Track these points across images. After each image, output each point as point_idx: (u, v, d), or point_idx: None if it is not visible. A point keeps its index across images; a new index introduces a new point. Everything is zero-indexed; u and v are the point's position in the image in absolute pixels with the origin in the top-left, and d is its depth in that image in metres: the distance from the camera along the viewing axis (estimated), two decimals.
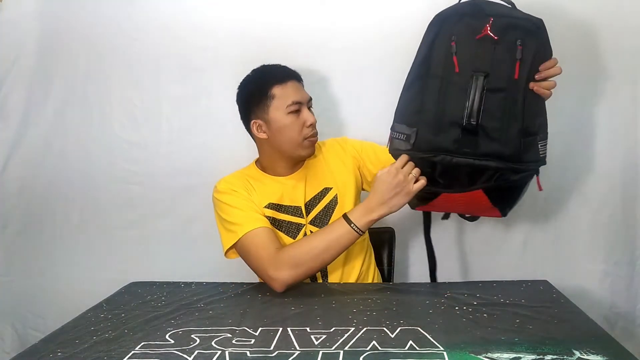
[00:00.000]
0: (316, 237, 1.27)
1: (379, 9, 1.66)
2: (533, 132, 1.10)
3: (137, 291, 1.29)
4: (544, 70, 1.09)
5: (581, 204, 1.69)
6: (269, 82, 1.35)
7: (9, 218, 1.82)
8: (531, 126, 1.10)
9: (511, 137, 1.09)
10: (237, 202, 1.34)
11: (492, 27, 1.09)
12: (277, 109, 1.34)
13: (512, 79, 1.08)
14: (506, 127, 1.09)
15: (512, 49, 1.08)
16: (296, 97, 1.34)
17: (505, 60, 1.08)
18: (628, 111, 1.65)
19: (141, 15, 1.70)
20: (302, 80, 1.40)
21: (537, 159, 1.11)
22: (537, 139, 1.10)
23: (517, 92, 1.08)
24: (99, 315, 1.12)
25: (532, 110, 1.10)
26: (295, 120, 1.34)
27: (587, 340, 0.91)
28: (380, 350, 0.90)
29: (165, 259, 1.77)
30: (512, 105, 1.09)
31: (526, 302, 1.12)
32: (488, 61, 1.09)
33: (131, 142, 1.76)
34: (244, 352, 0.91)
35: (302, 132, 1.34)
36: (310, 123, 1.35)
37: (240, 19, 1.68)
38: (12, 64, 1.75)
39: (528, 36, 1.08)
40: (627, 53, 1.63)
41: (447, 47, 1.12)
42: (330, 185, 1.41)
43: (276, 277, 1.23)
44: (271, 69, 1.39)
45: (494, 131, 1.09)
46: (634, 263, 1.71)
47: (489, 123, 1.09)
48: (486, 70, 1.08)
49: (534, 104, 1.10)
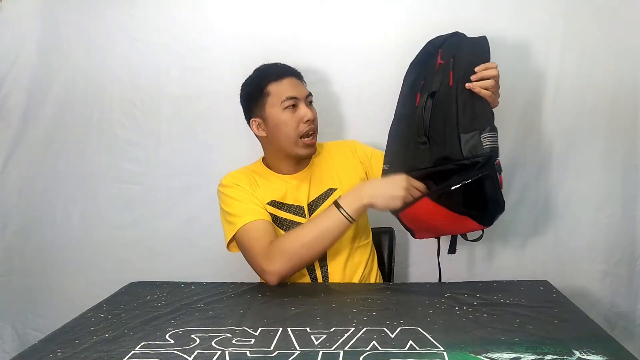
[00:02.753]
0: (306, 226, 1.27)
1: (380, 9, 1.66)
2: (474, 128, 1.14)
3: (137, 291, 1.29)
4: (479, 72, 1.16)
5: (581, 204, 1.69)
6: (265, 80, 1.36)
7: (9, 218, 1.82)
8: (468, 123, 1.15)
9: (449, 137, 1.15)
10: (239, 195, 1.34)
11: (442, 55, 1.24)
12: (272, 106, 1.34)
13: (447, 87, 1.18)
14: (443, 130, 1.17)
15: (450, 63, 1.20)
16: (291, 93, 1.34)
17: (447, 75, 1.20)
18: (628, 111, 1.65)
19: (141, 16, 1.70)
20: (301, 77, 1.40)
21: (481, 152, 1.13)
22: (478, 133, 1.14)
23: (452, 97, 1.17)
24: (99, 315, 1.12)
25: (470, 109, 1.16)
26: (291, 116, 1.33)
27: (587, 340, 0.91)
28: (380, 350, 0.89)
29: (165, 259, 1.77)
30: (448, 109, 1.17)
31: (526, 302, 1.12)
32: (439, 82, 1.21)
33: (131, 142, 1.76)
34: (244, 352, 0.91)
35: (299, 128, 1.34)
36: (307, 118, 1.34)
37: (241, 19, 1.69)
38: (12, 64, 1.75)
39: (459, 49, 1.22)
40: (627, 52, 1.63)
41: (417, 87, 1.27)
42: (335, 187, 1.41)
43: (268, 269, 1.23)
44: (268, 67, 1.39)
45: (439, 137, 1.18)
46: (634, 263, 1.71)
47: (436, 132, 1.19)
48: (435, 90, 1.21)
49: (472, 103, 1.16)
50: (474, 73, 1.16)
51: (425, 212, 1.20)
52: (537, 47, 1.64)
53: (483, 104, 1.17)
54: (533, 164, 1.68)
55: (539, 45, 1.64)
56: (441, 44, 1.28)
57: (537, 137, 1.67)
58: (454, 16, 1.60)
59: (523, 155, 1.68)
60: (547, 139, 1.67)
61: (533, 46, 1.64)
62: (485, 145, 1.13)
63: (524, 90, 1.65)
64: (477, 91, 1.15)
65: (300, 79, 1.40)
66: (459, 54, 1.21)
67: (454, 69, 1.19)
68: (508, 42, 1.62)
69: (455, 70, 1.19)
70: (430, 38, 1.30)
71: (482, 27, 1.59)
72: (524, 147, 1.67)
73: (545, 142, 1.67)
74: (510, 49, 1.62)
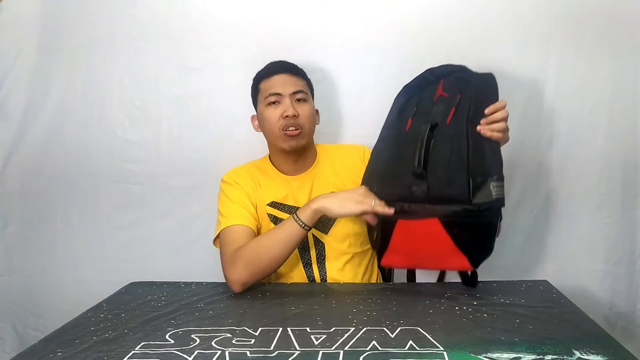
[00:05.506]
0: (265, 235, 1.28)
1: (380, 9, 1.65)
2: (482, 174, 1.14)
3: (137, 291, 1.29)
4: (489, 114, 1.15)
5: (581, 204, 1.69)
6: (258, 77, 1.40)
7: (9, 218, 1.82)
8: (479, 168, 1.14)
9: (458, 180, 1.14)
10: (233, 194, 1.37)
11: (444, 87, 1.23)
12: (260, 102, 1.38)
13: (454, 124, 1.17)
14: (453, 171, 1.15)
15: (456, 99, 1.19)
16: (275, 89, 1.35)
17: (448, 109, 1.18)
18: (628, 111, 1.65)
19: (142, 15, 1.70)
20: (297, 73, 1.40)
21: (489, 200, 1.12)
22: (488, 180, 1.13)
23: (462, 137, 1.15)
24: (99, 315, 1.12)
25: (480, 154, 1.14)
26: (272, 112, 1.35)
27: (587, 340, 0.91)
28: (380, 350, 0.90)
29: (165, 259, 1.77)
30: (459, 150, 1.15)
31: (526, 302, 1.12)
32: (440, 115, 1.20)
33: (131, 142, 1.76)
34: (244, 352, 0.91)
35: (278, 122, 1.34)
36: (286, 114, 1.33)
37: (241, 18, 1.68)
38: (12, 64, 1.74)
39: (468, 86, 1.19)
40: (627, 52, 1.63)
41: (409, 113, 1.26)
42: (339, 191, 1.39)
43: (230, 276, 1.24)
44: (267, 65, 1.41)
45: (442, 175, 1.16)
46: (634, 263, 1.71)
47: (438, 169, 1.17)
48: (435, 122, 1.19)
49: (482, 147, 1.15)
50: (484, 114, 1.15)
51: (427, 232, 1.17)
52: (537, 47, 1.64)
53: (493, 148, 1.16)
54: (533, 164, 1.68)
55: (539, 45, 1.64)
56: (445, 75, 1.26)
57: (537, 137, 1.67)
58: (454, 17, 1.61)
59: (523, 155, 1.68)
60: (547, 139, 1.67)
61: (533, 46, 1.64)
62: (494, 195, 1.12)
63: (524, 90, 1.65)
64: (489, 135, 1.14)
65: (296, 75, 1.39)
66: (468, 92, 1.19)
67: (459, 106, 1.17)
68: (508, 42, 1.62)
69: (461, 108, 1.17)
70: (430, 38, 1.30)
71: (482, 27, 1.62)
72: (524, 147, 1.67)
73: (545, 142, 1.67)
74: (510, 48, 1.62)
